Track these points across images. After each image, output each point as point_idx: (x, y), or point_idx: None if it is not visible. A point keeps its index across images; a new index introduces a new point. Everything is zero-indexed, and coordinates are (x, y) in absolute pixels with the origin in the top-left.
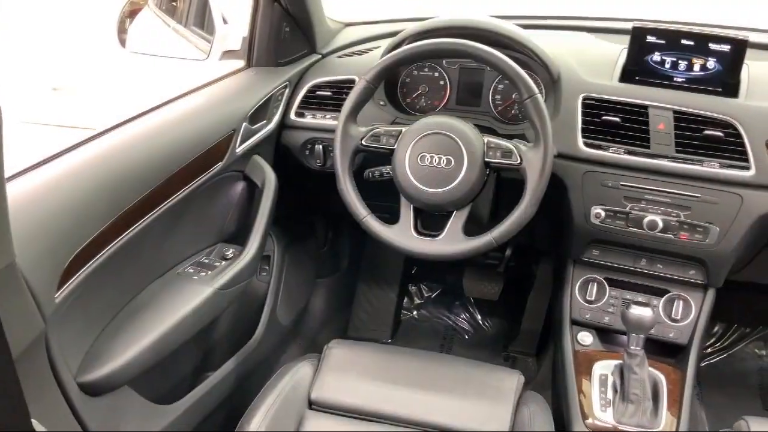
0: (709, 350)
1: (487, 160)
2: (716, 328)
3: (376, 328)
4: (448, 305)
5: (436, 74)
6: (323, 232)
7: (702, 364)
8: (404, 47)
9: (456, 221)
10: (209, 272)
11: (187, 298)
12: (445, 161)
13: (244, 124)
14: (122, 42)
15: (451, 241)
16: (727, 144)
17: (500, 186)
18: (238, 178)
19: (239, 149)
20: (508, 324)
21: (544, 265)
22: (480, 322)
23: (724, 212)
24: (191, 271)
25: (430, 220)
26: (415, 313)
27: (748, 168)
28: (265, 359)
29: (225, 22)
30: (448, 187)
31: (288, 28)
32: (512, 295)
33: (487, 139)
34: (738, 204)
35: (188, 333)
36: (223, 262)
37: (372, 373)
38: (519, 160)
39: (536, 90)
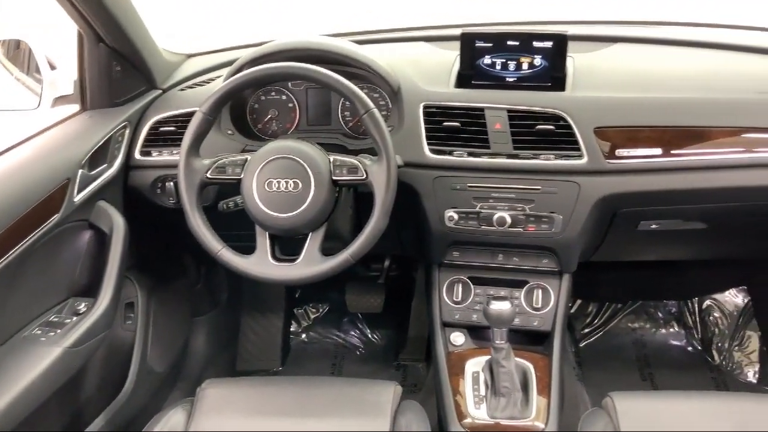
0: (586, 330)
1: (334, 178)
2: (590, 308)
3: (265, 358)
4: (336, 323)
5: (284, 97)
6: (195, 269)
7: (581, 345)
8: (238, 75)
9: (312, 243)
10: (59, 331)
11: (33, 362)
12: (292, 185)
13: (81, 170)
14: None
15: (309, 263)
16: (559, 136)
17: (359, 200)
18: (83, 228)
19: (78, 198)
20: (396, 333)
21: (422, 271)
22: (369, 335)
23: (564, 201)
24: (38, 332)
25: (289, 244)
26: (303, 336)
27: (581, 156)
28: (142, 410)
29: (53, 67)
30: (298, 211)
31: (119, 67)
32: (397, 305)
33: (332, 157)
34: (576, 191)
35: (40, 398)
36: (75, 318)
37: (249, 409)
38: (365, 175)
39: (371, 105)
